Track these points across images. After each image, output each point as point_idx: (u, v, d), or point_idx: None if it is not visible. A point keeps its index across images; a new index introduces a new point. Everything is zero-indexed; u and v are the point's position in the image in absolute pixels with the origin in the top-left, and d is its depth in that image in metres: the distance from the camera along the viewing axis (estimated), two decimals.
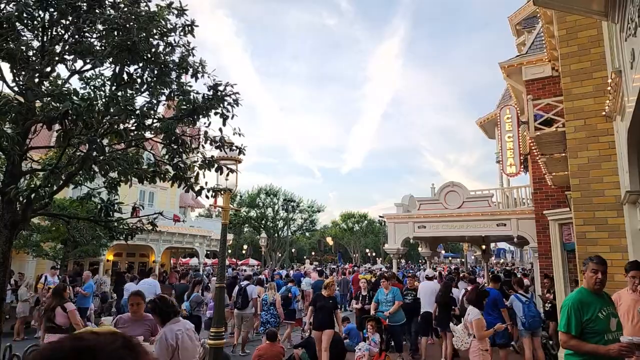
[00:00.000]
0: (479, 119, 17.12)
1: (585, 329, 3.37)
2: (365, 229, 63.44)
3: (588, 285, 3.49)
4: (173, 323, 3.79)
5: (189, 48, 4.79)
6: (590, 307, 3.39)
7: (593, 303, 3.41)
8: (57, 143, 3.72)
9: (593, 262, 3.44)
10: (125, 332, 3.23)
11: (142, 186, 23.96)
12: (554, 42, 8.33)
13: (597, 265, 3.42)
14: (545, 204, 10.27)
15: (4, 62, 4.17)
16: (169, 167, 4.88)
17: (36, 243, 14.73)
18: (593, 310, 3.37)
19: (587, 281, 3.49)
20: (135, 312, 4.71)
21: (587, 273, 3.47)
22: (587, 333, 3.37)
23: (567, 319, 3.41)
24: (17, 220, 4.34)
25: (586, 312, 3.37)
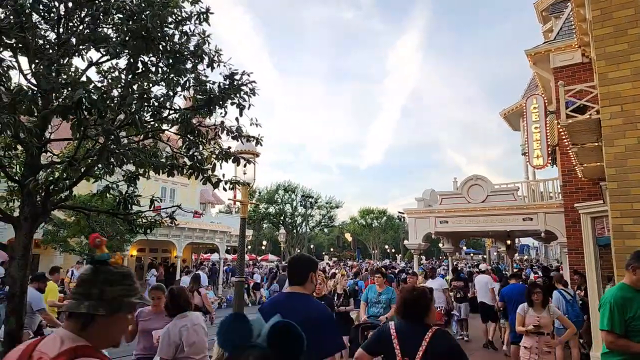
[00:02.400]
0: (503, 111, 16.64)
1: (628, 327, 3.16)
2: (385, 225, 63.05)
3: (632, 282, 3.27)
4: (180, 318, 3.81)
5: (204, 36, 4.69)
6: (634, 303, 3.18)
7: (636, 299, 3.20)
8: (72, 133, 3.66)
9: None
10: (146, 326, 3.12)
11: (163, 182, 24.28)
12: (585, 26, 7.94)
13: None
14: (575, 197, 9.85)
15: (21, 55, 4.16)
16: (186, 159, 4.81)
17: (63, 238, 15.04)
18: (637, 308, 3.16)
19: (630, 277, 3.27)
20: (156, 306, 4.71)
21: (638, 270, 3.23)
22: (631, 331, 3.16)
23: (610, 317, 3.22)
24: (37, 213, 4.32)
25: (629, 310, 3.17)
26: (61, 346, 1.42)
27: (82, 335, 1.48)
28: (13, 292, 3.95)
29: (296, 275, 2.88)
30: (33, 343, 1.52)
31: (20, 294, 3.94)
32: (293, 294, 2.82)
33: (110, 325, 1.55)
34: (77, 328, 1.49)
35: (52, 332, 4.51)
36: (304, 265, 2.92)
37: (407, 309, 2.94)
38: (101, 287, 1.54)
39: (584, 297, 8.31)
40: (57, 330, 1.56)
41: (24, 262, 4.07)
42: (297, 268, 2.92)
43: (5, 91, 3.68)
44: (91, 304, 1.50)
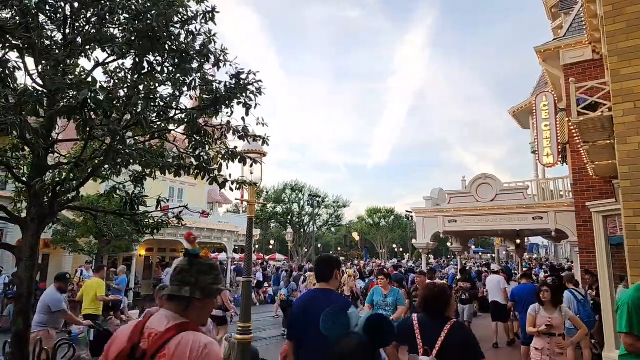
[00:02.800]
0: (511, 108, 16.46)
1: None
2: (392, 224, 62.78)
3: None
4: None
5: (210, 36, 4.66)
6: None
7: None
8: (77, 133, 3.65)
9: None
10: None
11: (171, 182, 24.38)
12: (596, 23, 7.80)
13: None
14: (586, 195, 9.70)
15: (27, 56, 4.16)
16: (193, 159, 4.79)
17: (72, 239, 15.16)
18: None
19: None
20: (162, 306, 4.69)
21: None
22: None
23: (628, 318, 3.14)
24: (45, 213, 4.33)
25: None
26: (167, 323, 1.77)
27: (183, 315, 1.82)
28: (20, 292, 3.95)
29: (323, 273, 3.30)
30: (142, 322, 1.86)
31: (27, 295, 3.94)
32: (320, 289, 3.28)
33: (203, 307, 1.89)
34: (179, 309, 1.83)
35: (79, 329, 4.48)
36: (330, 264, 3.34)
37: (428, 305, 3.21)
38: (196, 276, 1.87)
39: (595, 297, 8.19)
40: (161, 311, 1.88)
41: (31, 263, 4.07)
42: (324, 267, 3.33)
43: (12, 92, 3.68)
44: (190, 289, 1.83)
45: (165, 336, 1.72)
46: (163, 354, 1.69)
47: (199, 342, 1.72)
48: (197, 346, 1.70)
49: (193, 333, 1.76)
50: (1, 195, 14.32)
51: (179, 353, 1.68)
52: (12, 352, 3.98)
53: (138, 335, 1.78)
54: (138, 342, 1.76)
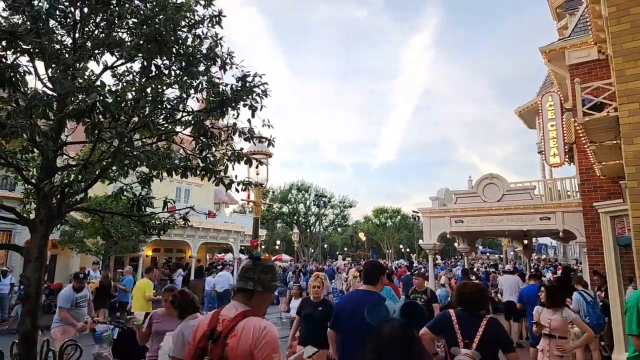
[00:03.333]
0: (518, 108, 16.38)
1: None
2: (399, 225, 62.67)
3: None
4: (191, 319, 3.87)
5: (217, 39, 4.71)
6: None
7: None
8: (86, 136, 3.71)
9: None
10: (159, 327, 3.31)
11: (178, 183, 24.53)
12: (601, 23, 7.76)
13: None
14: (593, 195, 9.64)
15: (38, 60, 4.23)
16: (199, 160, 4.84)
17: (80, 239, 15.30)
18: None
19: None
20: (169, 308, 4.74)
21: None
22: None
23: (638, 320, 3.17)
24: (53, 215, 4.39)
25: None
26: (236, 311, 2.25)
27: (247, 304, 2.28)
28: (28, 293, 4.01)
29: (371, 277, 3.71)
30: (217, 311, 2.35)
31: (35, 295, 4.00)
32: (365, 291, 3.69)
33: (263, 300, 2.37)
34: (245, 299, 2.31)
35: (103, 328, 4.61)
36: (377, 270, 3.77)
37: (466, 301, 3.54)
38: (258, 274, 2.33)
39: (604, 298, 8.13)
40: (232, 301, 2.35)
41: (39, 264, 4.14)
42: (373, 272, 3.74)
43: (22, 96, 3.75)
44: (253, 284, 2.31)
45: (234, 320, 2.20)
46: (233, 334, 2.16)
47: (260, 324, 2.18)
48: (259, 328, 2.16)
49: (256, 318, 2.22)
50: (10, 196, 14.50)
51: (245, 333, 2.14)
52: (20, 352, 4.04)
53: (215, 321, 2.27)
54: (215, 326, 2.25)
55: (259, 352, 2.10)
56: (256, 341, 2.11)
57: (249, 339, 2.12)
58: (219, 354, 2.13)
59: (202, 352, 2.20)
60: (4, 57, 3.82)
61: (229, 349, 2.13)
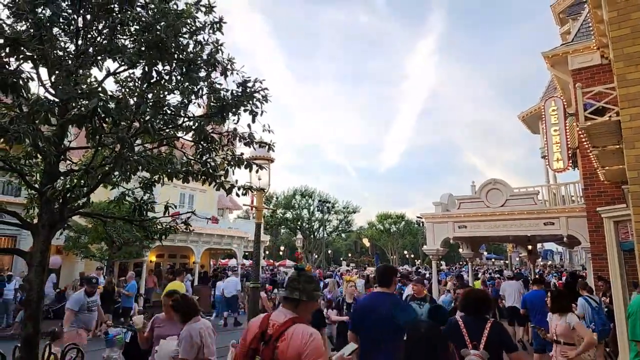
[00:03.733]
0: (521, 113, 16.35)
1: None
2: (403, 230, 62.43)
3: None
4: (194, 322, 3.92)
5: (218, 45, 4.75)
6: None
7: None
8: (87, 141, 3.75)
9: None
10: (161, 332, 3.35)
11: (182, 189, 24.59)
12: (603, 28, 7.76)
13: None
14: (597, 200, 9.58)
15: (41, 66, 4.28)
16: (200, 165, 4.86)
17: (84, 245, 15.35)
18: None
19: None
20: (169, 312, 4.75)
21: None
22: None
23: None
24: (55, 220, 4.43)
25: None
26: (285, 317, 2.49)
27: (295, 312, 2.52)
28: (30, 297, 4.03)
29: (385, 280, 4.03)
30: (267, 315, 2.60)
31: (37, 300, 4.02)
32: (381, 292, 4.01)
33: (308, 308, 2.59)
34: (292, 307, 2.54)
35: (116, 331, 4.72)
36: (390, 273, 4.10)
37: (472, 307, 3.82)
38: (303, 284, 2.57)
39: (609, 304, 8.05)
40: (280, 309, 2.59)
41: (41, 268, 4.17)
42: (385, 275, 4.07)
43: (25, 101, 3.79)
44: (299, 293, 2.54)
45: (284, 326, 2.44)
46: (283, 338, 2.39)
47: (307, 331, 2.43)
48: (307, 334, 2.40)
49: (303, 325, 2.47)
50: (14, 202, 14.60)
51: (294, 338, 2.38)
52: (22, 356, 4.06)
53: (265, 324, 2.52)
54: (265, 329, 2.49)
55: (306, 357, 2.32)
56: (304, 346, 2.35)
57: (298, 344, 2.36)
58: (270, 355, 2.37)
59: (254, 353, 2.46)
60: (8, 63, 3.87)
61: (279, 352, 2.36)
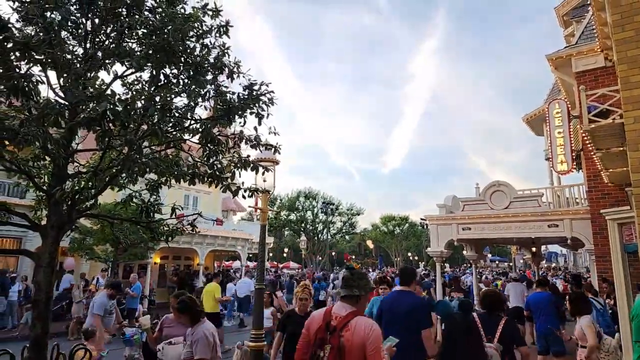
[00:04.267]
0: (525, 115, 16.35)
1: None
2: (407, 232, 62.34)
3: None
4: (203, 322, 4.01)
5: (224, 49, 4.81)
6: None
7: None
8: (96, 144, 3.81)
9: None
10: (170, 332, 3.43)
11: (186, 191, 24.70)
12: (607, 30, 7.77)
13: None
14: (601, 202, 9.58)
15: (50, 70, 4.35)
16: (207, 167, 4.91)
17: (89, 246, 15.43)
18: None
19: None
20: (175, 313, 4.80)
21: None
22: None
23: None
24: (64, 221, 4.49)
25: None
26: (346, 311, 2.84)
27: (354, 306, 2.88)
28: (38, 298, 4.08)
29: (406, 280, 4.52)
30: (329, 308, 2.95)
31: (45, 300, 4.07)
32: (403, 291, 4.47)
33: (364, 301, 3.01)
34: (352, 302, 2.90)
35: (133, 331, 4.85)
36: (410, 274, 4.59)
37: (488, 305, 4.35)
38: (357, 281, 2.95)
39: (613, 306, 8.04)
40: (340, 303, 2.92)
41: (50, 269, 4.22)
42: (406, 276, 4.56)
43: (35, 104, 3.86)
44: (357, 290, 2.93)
45: (346, 318, 2.79)
46: (347, 328, 2.75)
47: (368, 323, 2.80)
48: (369, 325, 2.77)
49: (364, 317, 2.85)
50: (21, 204, 14.72)
51: (358, 329, 2.74)
52: (30, 357, 4.11)
53: (329, 316, 2.87)
54: (329, 321, 2.83)
55: (370, 344, 2.71)
56: (368, 335, 2.72)
57: (362, 334, 2.73)
58: (337, 343, 2.73)
59: (322, 341, 2.79)
60: (18, 67, 3.94)
61: (345, 340, 2.72)
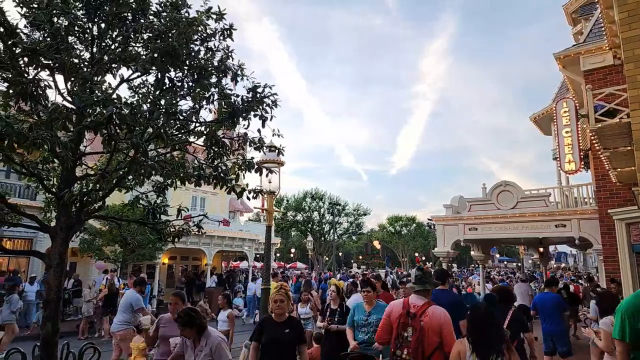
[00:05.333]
0: (533, 115, 16.22)
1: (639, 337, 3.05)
2: (414, 233, 62.12)
3: None
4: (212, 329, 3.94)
5: (228, 52, 4.85)
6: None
7: None
8: (103, 147, 3.87)
9: None
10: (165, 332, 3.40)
11: (194, 192, 24.85)
12: (615, 28, 7.70)
13: None
14: (609, 202, 9.49)
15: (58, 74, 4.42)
16: (212, 169, 4.96)
17: (98, 247, 15.60)
18: None
19: None
20: (173, 312, 4.80)
21: None
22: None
23: (620, 325, 3.12)
24: (72, 223, 4.56)
25: None
26: (422, 301, 3.70)
27: (426, 297, 3.76)
28: (49, 298, 4.15)
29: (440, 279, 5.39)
30: (406, 300, 3.79)
31: (56, 300, 4.14)
32: (442, 289, 5.28)
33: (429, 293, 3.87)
34: (425, 295, 3.77)
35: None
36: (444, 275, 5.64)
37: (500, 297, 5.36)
38: (427, 278, 3.85)
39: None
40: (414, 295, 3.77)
41: (59, 270, 4.30)
42: (442, 275, 5.56)
43: (43, 109, 3.93)
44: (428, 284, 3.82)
45: (424, 307, 3.65)
46: (426, 315, 3.58)
47: (442, 311, 3.63)
48: (443, 312, 3.62)
49: (436, 306, 3.69)
50: (31, 205, 14.91)
51: (434, 315, 3.57)
52: (41, 355, 4.19)
53: (407, 305, 3.72)
54: (408, 309, 3.68)
55: (445, 327, 3.52)
56: (442, 320, 3.54)
57: (438, 319, 3.55)
58: (419, 325, 3.54)
59: (405, 325, 3.62)
60: (26, 72, 4.01)
61: (424, 324, 3.54)
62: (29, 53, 3.83)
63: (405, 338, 3.58)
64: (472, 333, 3.17)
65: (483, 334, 3.12)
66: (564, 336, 7.06)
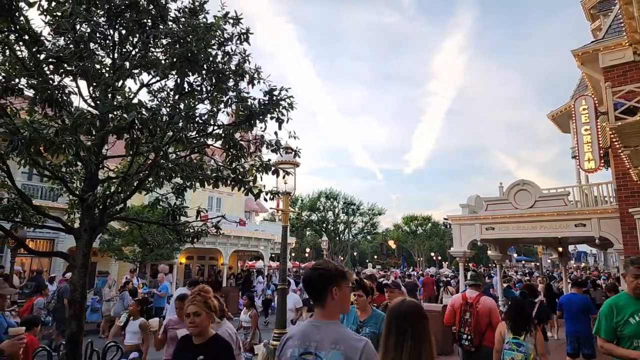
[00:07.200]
0: (551, 112, 15.97)
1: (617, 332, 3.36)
2: (430, 232, 61.66)
3: (628, 290, 3.42)
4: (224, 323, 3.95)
5: (245, 56, 4.93)
6: (622, 310, 3.36)
7: (627, 307, 3.35)
8: (125, 151, 3.97)
9: (634, 267, 3.33)
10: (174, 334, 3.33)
11: (210, 192, 25.13)
12: (635, 24, 7.56)
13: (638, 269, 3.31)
14: (631, 201, 9.30)
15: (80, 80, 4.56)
16: (230, 171, 5.05)
17: (118, 247, 15.93)
18: (624, 315, 3.33)
19: (628, 286, 3.44)
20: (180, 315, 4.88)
21: (627, 277, 3.41)
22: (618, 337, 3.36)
23: (597, 322, 3.50)
24: (96, 224, 4.70)
25: (617, 315, 3.37)
26: (475, 294, 5.36)
27: (478, 290, 5.42)
28: (74, 297, 4.28)
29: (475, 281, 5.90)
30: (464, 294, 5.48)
31: (80, 300, 4.27)
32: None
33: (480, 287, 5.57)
34: (477, 289, 5.41)
35: None
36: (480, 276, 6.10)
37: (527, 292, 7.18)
38: (480, 277, 5.69)
39: None
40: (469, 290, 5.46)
41: (84, 270, 4.43)
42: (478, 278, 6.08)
43: (68, 114, 4.06)
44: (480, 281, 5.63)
45: (476, 298, 5.19)
46: (479, 303, 5.12)
47: (491, 300, 5.26)
48: (491, 302, 5.23)
49: (486, 297, 5.29)
50: (55, 206, 15.28)
51: (485, 304, 5.13)
52: (67, 352, 4.32)
53: (465, 298, 5.27)
54: (466, 300, 5.23)
55: (492, 314, 4.99)
56: (490, 308, 5.02)
57: (488, 307, 5.06)
58: (475, 311, 5.04)
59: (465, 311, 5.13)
60: (52, 79, 4.15)
61: (479, 310, 5.04)
62: (54, 60, 3.96)
63: (466, 320, 5.15)
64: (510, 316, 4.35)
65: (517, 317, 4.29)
66: (590, 338, 6.94)
